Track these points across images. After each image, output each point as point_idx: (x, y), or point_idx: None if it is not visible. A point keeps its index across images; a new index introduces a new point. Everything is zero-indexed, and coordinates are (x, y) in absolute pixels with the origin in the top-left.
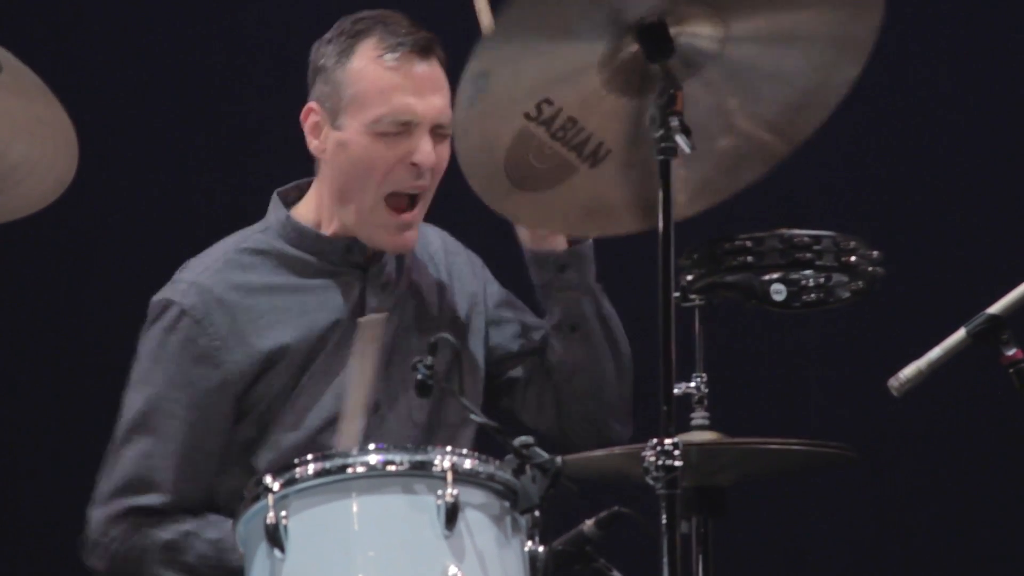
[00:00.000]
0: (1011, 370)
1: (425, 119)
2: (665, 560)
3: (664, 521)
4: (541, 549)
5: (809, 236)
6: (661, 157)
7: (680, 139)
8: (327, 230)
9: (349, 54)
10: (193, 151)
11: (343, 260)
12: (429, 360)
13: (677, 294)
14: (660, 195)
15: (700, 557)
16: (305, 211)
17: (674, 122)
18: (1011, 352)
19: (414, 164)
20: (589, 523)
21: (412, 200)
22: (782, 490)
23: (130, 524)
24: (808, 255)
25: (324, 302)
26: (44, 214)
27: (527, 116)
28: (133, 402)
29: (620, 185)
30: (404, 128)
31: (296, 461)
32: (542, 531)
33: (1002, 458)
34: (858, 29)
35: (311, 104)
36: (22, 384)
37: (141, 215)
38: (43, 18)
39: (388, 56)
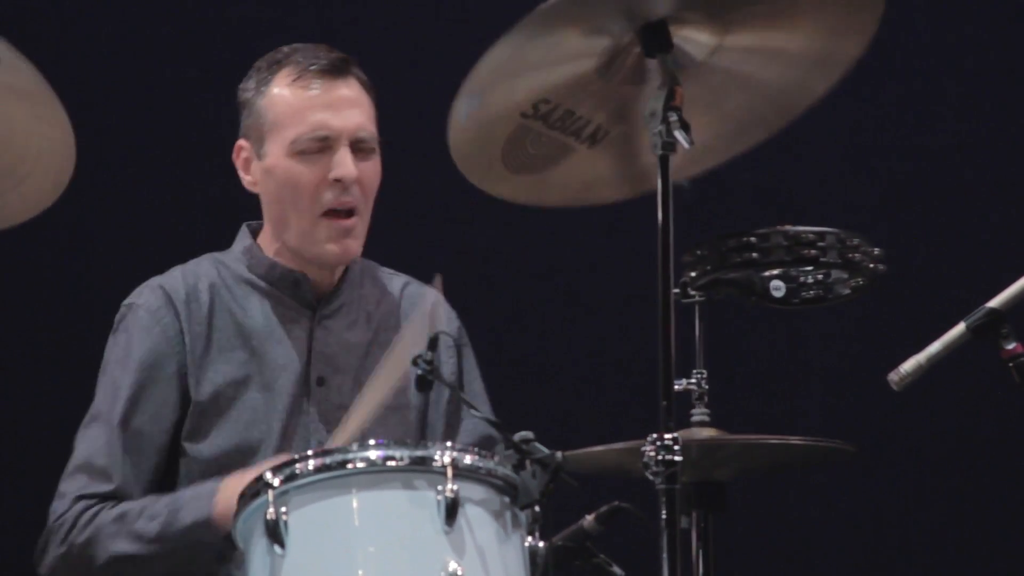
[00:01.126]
0: (1011, 364)
1: (343, 134)
2: (665, 555)
3: (664, 516)
4: (541, 544)
5: (814, 233)
6: (660, 152)
7: (679, 134)
8: (280, 259)
9: (267, 83)
10: (192, 149)
11: (293, 295)
12: (429, 355)
13: (677, 290)
14: (659, 191)
15: (700, 552)
16: (263, 242)
17: (673, 117)
18: (1011, 346)
19: (337, 180)
20: (589, 518)
21: (348, 214)
22: (781, 485)
23: (83, 508)
24: (812, 252)
25: (272, 339)
26: (42, 214)
27: (523, 115)
28: (96, 395)
29: (619, 158)
30: (323, 144)
31: (296, 456)
32: (542, 526)
33: (1002, 452)
34: (842, 50)
35: (239, 141)
36: (20, 386)
37: (139, 214)
38: (42, 17)
39: (302, 78)
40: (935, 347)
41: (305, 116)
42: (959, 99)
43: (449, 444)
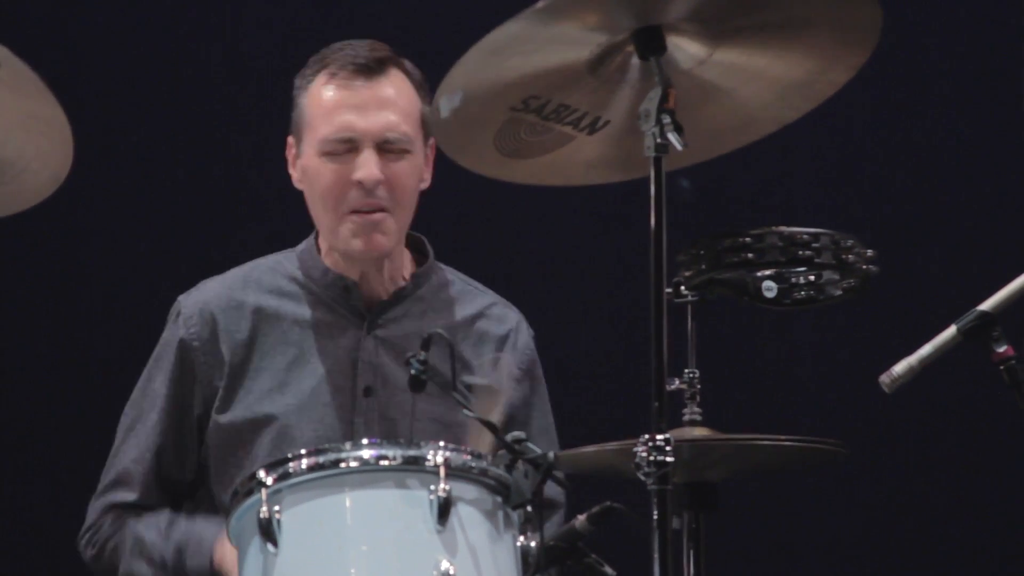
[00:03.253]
0: (1002, 367)
1: (367, 136)
2: (656, 555)
3: (655, 516)
4: (533, 544)
5: (808, 234)
6: (653, 155)
7: (672, 137)
8: (330, 263)
9: (310, 81)
10: (189, 147)
11: (344, 302)
12: (423, 355)
13: (670, 290)
14: (652, 192)
15: (691, 553)
16: (321, 244)
17: (666, 120)
18: (1002, 349)
19: (359, 182)
20: (581, 518)
21: (374, 210)
22: (773, 486)
23: (113, 517)
24: (807, 252)
25: (317, 347)
26: (40, 211)
27: (513, 109)
28: (131, 399)
29: (624, 143)
30: (348, 146)
31: (289, 455)
32: (534, 526)
33: (992, 454)
34: (829, 77)
35: (289, 138)
36: (18, 380)
37: (137, 212)
38: (40, 15)
39: (337, 78)
40: (926, 349)
41: (332, 117)
42: (953, 101)
43: (442, 444)
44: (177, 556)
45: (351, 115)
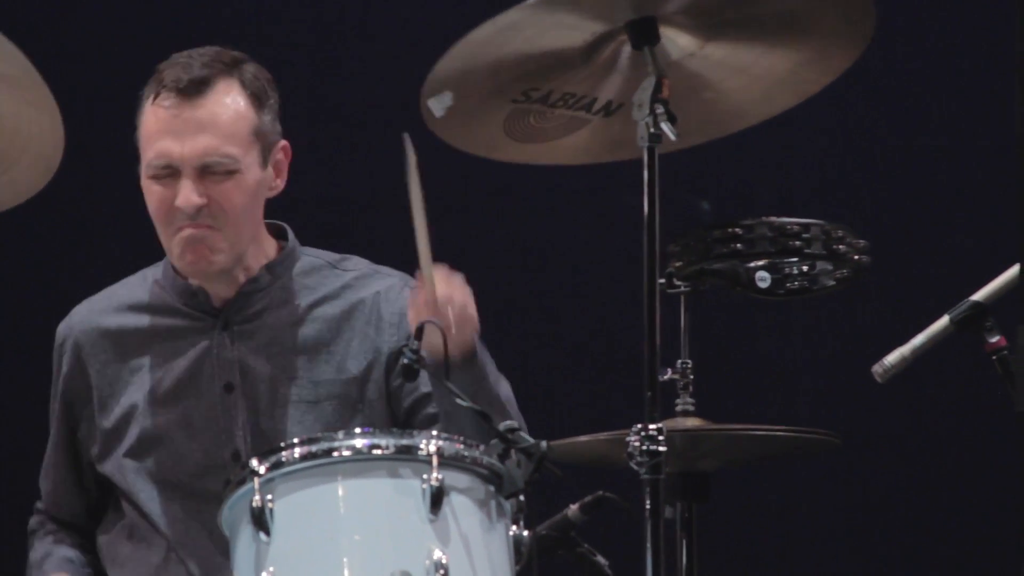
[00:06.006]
0: (994, 357)
1: (185, 162)
2: (649, 545)
3: (648, 506)
4: (526, 533)
5: (799, 224)
6: (647, 144)
7: (666, 127)
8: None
9: (145, 97)
10: None
11: (195, 306)
12: (415, 344)
13: (663, 281)
14: (645, 181)
15: (684, 542)
16: None
17: (660, 110)
18: (994, 339)
19: (179, 208)
20: (574, 508)
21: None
22: (766, 476)
23: (41, 524)
24: (797, 243)
25: (176, 349)
26: (31, 200)
27: (515, 101)
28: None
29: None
30: (169, 171)
31: (282, 444)
32: (527, 515)
33: (985, 444)
34: (818, 73)
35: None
36: (14, 376)
37: (128, 200)
38: (33, 5)
39: (159, 99)
40: (919, 339)
41: (152, 142)
42: (945, 92)
43: (435, 433)
44: None
45: (168, 141)
